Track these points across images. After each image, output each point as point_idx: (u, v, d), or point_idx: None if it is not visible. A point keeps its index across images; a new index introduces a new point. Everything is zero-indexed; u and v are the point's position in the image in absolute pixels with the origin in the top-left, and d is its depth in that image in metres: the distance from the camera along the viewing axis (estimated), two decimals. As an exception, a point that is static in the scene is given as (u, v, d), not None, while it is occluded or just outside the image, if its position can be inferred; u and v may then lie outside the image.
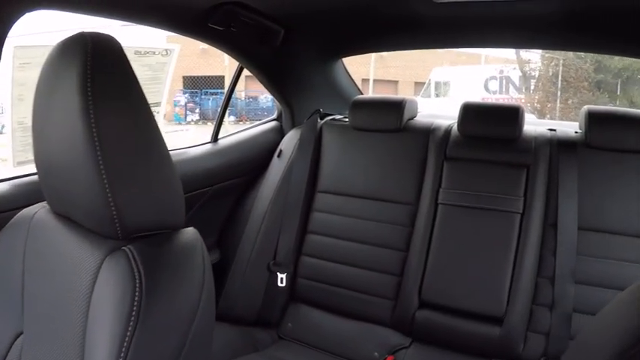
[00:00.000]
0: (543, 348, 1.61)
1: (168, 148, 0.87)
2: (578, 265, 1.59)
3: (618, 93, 13.72)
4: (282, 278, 1.88)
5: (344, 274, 1.85)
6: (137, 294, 0.74)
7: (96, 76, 0.77)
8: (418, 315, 1.73)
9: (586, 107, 1.73)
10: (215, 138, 2.05)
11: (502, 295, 1.64)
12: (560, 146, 1.70)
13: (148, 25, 1.60)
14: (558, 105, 13.73)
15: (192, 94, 14.55)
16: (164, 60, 1.91)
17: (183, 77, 14.84)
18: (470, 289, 1.68)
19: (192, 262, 0.85)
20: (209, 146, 2.01)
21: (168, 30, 1.68)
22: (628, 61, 12.61)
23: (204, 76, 14.02)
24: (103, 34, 0.82)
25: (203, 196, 1.93)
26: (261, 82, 2.09)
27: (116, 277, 0.76)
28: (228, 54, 1.92)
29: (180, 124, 13.32)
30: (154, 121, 0.84)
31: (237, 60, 1.98)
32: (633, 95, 13.57)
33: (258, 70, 2.02)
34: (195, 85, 14.37)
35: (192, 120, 14.08)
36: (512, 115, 1.75)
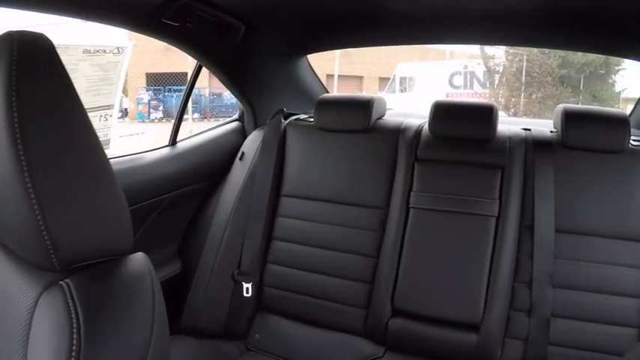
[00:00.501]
0: (522, 354, 1.57)
1: (123, 154, 0.77)
2: (556, 268, 1.56)
3: (581, 88, 14.04)
4: (247, 288, 1.79)
5: (312, 282, 1.77)
6: (75, 339, 0.64)
7: (22, 81, 0.66)
8: (391, 324, 1.66)
9: (561, 106, 1.69)
10: (173, 141, 1.93)
11: (478, 302, 1.59)
12: (535, 146, 1.66)
13: (98, 22, 1.48)
14: (522, 100, 14.00)
15: (155, 92, 14.31)
16: (116, 59, 1.81)
17: (147, 74, 14.58)
18: (444, 296, 1.62)
19: (140, 295, 0.75)
20: (167, 150, 1.90)
21: (120, 26, 1.56)
22: (591, 57, 12.94)
23: (168, 73, 13.78)
24: (31, 33, 0.70)
25: (161, 204, 1.82)
26: (221, 81, 1.99)
27: (52, 317, 0.66)
28: (186, 51, 1.81)
29: (143, 122, 13.11)
30: (93, 131, 0.74)
31: (195, 58, 1.87)
32: (596, 90, 13.90)
33: (218, 68, 1.92)
34: (159, 82, 14.14)
35: (155, 118, 13.87)
36: (485, 114, 1.70)
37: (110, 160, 0.79)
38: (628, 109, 2.06)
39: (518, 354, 1.58)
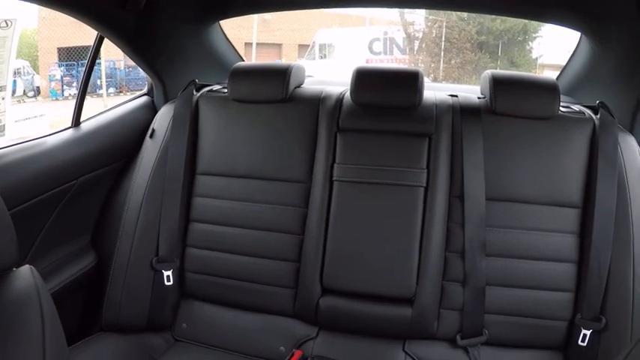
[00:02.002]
0: (458, 324, 1.57)
1: (20, 140, 0.66)
2: (488, 236, 1.55)
3: (499, 54, 14.51)
4: (168, 276, 1.68)
5: (236, 265, 1.68)
6: None
7: None
8: (322, 303, 1.60)
9: (489, 72, 1.66)
10: (76, 122, 1.76)
11: (411, 275, 1.56)
12: (463, 113, 1.62)
13: None
14: (442, 65, 14.32)
15: (68, 67, 13.60)
16: (4, 34, 1.61)
17: (58, 49, 13.81)
18: (375, 271, 1.58)
19: (26, 316, 0.68)
20: (70, 132, 1.73)
21: None
22: (509, 23, 13.43)
23: (81, 47, 13.10)
24: None
25: (68, 192, 1.67)
26: (126, 53, 1.82)
27: None
28: (83, 21, 1.63)
29: (57, 100, 12.47)
30: None
31: (95, 28, 1.69)
32: (514, 56, 14.44)
33: (121, 38, 1.74)
34: (72, 56, 13.45)
35: (70, 95, 13.19)
36: (410, 80, 1.64)
37: (6, 149, 0.68)
38: (544, 75, 2.07)
39: (454, 325, 1.57)
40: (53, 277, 1.69)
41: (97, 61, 1.82)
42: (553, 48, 12.28)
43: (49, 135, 1.69)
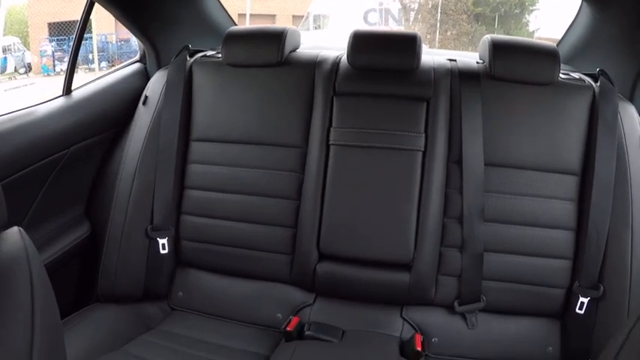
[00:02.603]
0: (456, 290, 1.56)
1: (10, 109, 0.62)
2: (486, 202, 1.53)
3: (496, 26, 14.35)
4: (163, 244, 1.66)
5: (232, 231, 1.66)
6: None
7: None
8: (319, 269, 1.59)
9: (488, 36, 1.63)
10: (67, 90, 1.72)
11: (408, 240, 1.55)
12: (462, 77, 1.59)
13: None
14: (437, 36, 14.17)
15: (59, 42, 13.39)
16: (-12, 8, 1.56)
17: (49, 24, 13.59)
18: (372, 237, 1.56)
19: (13, 283, 0.64)
20: (61, 101, 1.70)
21: None
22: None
23: (72, 21, 12.88)
24: None
25: (60, 161, 1.64)
26: (117, 19, 1.78)
27: None
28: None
29: (49, 75, 12.31)
30: None
31: None
32: (510, 29, 14.28)
33: (112, 2, 1.70)
34: (63, 31, 13.25)
35: (61, 70, 12.99)
36: (408, 43, 1.61)
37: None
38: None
39: (452, 291, 1.56)
40: (47, 248, 1.67)
41: (89, 35, 1.78)
42: (550, 22, 12.18)
43: (40, 104, 1.65)
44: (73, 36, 1.64)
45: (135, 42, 1.94)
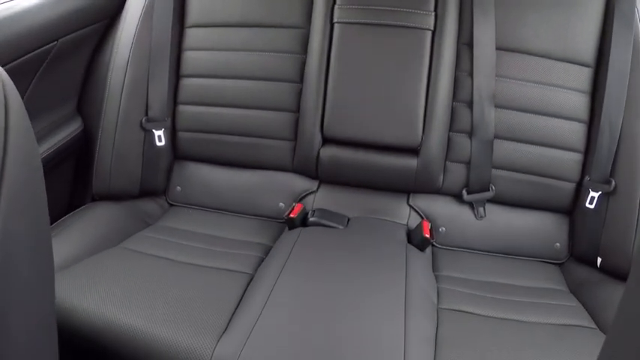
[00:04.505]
0: (465, 178, 1.52)
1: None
2: (497, 87, 1.47)
3: None
4: (159, 136, 1.59)
5: (231, 119, 1.60)
6: None
7: None
8: (322, 153, 1.54)
9: None
10: None
11: (416, 123, 1.48)
12: None
13: None
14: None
15: None
16: None
17: None
18: (379, 119, 1.50)
19: None
20: None
21: None
22: None
23: None
24: None
25: (47, 55, 1.55)
26: None
27: None
28: None
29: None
30: None
31: None
32: None
33: None
34: None
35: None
36: None
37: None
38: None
39: (460, 179, 1.52)
40: (38, 146, 1.59)
41: None
42: None
43: None
44: None
45: None
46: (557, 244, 1.52)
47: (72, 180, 1.78)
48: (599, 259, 1.43)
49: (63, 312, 1.10)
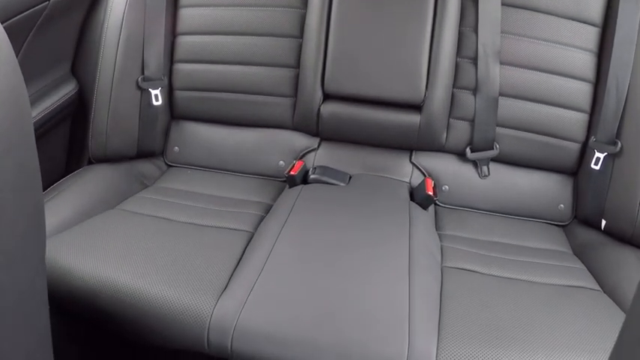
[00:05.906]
0: (469, 136, 1.49)
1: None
2: (503, 43, 1.43)
3: None
4: (156, 95, 1.55)
5: (229, 76, 1.56)
6: None
7: None
8: (323, 110, 1.50)
9: None
10: None
11: (419, 78, 1.45)
12: None
13: None
14: None
15: None
16: None
17: None
18: (381, 74, 1.46)
19: None
20: None
21: None
22: None
23: None
24: None
25: (39, 16, 1.50)
26: None
27: None
28: None
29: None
30: None
31: None
32: None
33: None
34: None
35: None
36: None
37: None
38: None
39: (464, 137, 1.50)
40: (32, 109, 1.56)
41: None
42: None
43: None
44: None
45: None
46: (562, 205, 1.50)
47: (68, 144, 1.75)
48: (603, 222, 1.40)
49: (58, 274, 1.08)
